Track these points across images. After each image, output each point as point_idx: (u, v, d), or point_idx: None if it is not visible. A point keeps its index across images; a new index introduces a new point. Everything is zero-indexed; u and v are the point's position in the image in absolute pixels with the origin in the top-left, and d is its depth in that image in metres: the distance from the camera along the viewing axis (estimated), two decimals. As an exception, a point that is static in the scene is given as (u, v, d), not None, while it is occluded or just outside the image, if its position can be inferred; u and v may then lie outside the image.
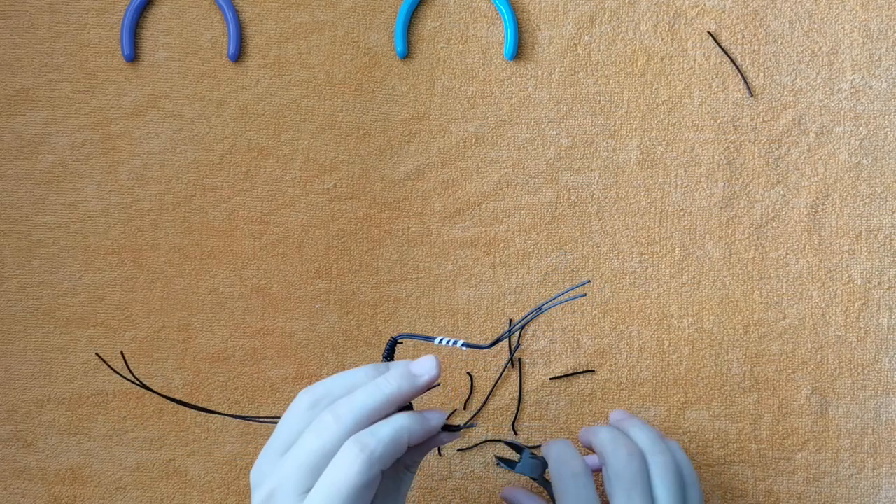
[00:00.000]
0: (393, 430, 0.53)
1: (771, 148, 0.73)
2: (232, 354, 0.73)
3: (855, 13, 0.73)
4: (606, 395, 0.72)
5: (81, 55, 0.74)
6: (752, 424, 0.72)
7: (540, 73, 0.73)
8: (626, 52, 0.73)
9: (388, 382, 0.55)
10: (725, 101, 0.73)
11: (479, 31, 0.74)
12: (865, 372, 0.72)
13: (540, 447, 0.70)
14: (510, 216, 0.73)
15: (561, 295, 0.69)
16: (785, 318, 0.72)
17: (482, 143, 0.73)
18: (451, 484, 0.72)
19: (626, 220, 0.73)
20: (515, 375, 0.72)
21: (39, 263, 0.73)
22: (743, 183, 0.73)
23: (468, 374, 0.72)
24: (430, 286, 0.73)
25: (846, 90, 0.73)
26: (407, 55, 0.73)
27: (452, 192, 0.73)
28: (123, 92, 0.74)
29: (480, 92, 0.73)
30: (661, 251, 0.73)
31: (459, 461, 0.72)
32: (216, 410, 0.71)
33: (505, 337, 0.64)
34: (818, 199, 0.73)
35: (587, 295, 0.72)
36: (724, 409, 0.72)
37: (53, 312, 0.73)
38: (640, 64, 0.73)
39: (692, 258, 0.72)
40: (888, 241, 0.72)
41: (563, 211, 0.73)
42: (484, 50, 0.74)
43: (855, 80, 0.73)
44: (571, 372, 0.72)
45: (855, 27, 0.73)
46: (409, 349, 0.71)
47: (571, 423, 0.72)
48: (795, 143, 0.73)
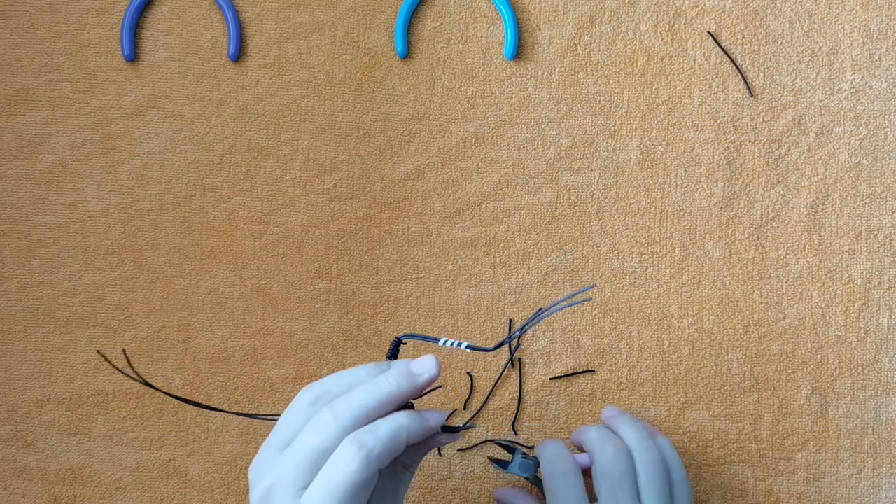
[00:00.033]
0: (391, 428, 0.53)
1: (771, 148, 0.73)
2: (232, 354, 0.73)
3: (855, 13, 0.73)
4: (606, 395, 0.72)
5: (81, 55, 0.74)
6: (752, 424, 0.72)
7: (540, 73, 0.73)
8: (626, 52, 0.73)
9: (387, 381, 0.54)
10: (725, 101, 0.73)
11: (479, 31, 0.74)
12: (865, 372, 0.72)
13: (533, 447, 0.70)
14: (510, 216, 0.73)
15: (565, 299, 0.69)
16: (785, 318, 0.72)
17: (482, 143, 0.73)
18: (451, 484, 0.72)
19: (626, 220, 0.73)
20: (515, 375, 0.72)
21: (39, 263, 0.73)
22: (743, 183, 0.73)
23: (468, 374, 0.72)
24: (430, 286, 0.73)
25: (846, 90, 0.73)
26: (407, 55, 0.73)
27: (452, 192, 0.73)
28: (123, 92, 0.74)
29: (480, 92, 0.73)
30: (661, 251, 0.73)
31: (459, 461, 0.72)
32: (217, 407, 0.71)
33: (508, 341, 0.64)
34: (818, 199, 0.73)
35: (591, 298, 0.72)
36: (724, 409, 0.72)
37: (53, 312, 0.73)
38: (640, 64, 0.73)
39: (692, 258, 0.72)
40: (888, 241, 0.72)
41: (563, 211, 0.73)
42: (484, 50, 0.74)
43: (855, 80, 0.73)
44: (571, 372, 0.72)
45: (855, 27, 0.73)
46: (412, 350, 0.71)
47: (571, 423, 0.72)
48: (795, 143, 0.73)
